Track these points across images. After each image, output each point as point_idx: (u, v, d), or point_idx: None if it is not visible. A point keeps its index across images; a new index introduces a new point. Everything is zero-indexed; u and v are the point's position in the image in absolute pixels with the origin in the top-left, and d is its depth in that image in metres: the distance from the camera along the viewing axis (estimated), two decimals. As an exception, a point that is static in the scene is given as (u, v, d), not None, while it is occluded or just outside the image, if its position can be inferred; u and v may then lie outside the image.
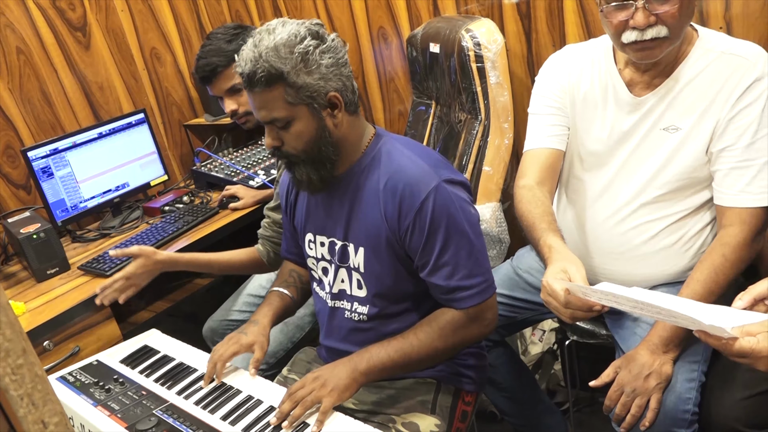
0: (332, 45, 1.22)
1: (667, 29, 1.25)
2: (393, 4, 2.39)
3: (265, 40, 1.19)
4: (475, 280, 1.25)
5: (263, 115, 1.24)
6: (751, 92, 1.28)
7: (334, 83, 1.22)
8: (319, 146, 1.25)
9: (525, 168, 1.51)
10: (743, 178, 1.30)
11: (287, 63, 1.18)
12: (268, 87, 1.20)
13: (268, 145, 1.28)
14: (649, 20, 1.24)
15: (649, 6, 1.23)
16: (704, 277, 1.30)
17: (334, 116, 1.24)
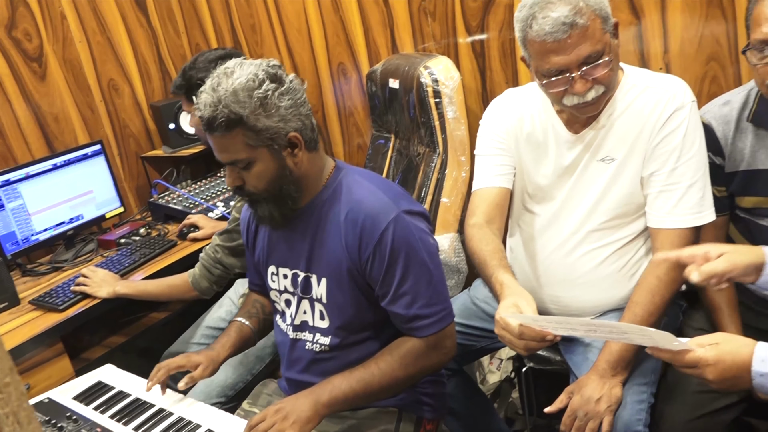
0: (291, 86, 1.25)
1: (603, 87, 1.35)
2: (352, 41, 2.45)
3: (223, 84, 1.20)
4: (434, 308, 1.28)
5: (224, 157, 1.26)
6: (673, 121, 1.38)
7: (294, 124, 1.24)
8: (281, 185, 1.27)
9: (474, 207, 1.57)
10: (670, 201, 1.39)
11: (246, 107, 1.19)
12: (228, 131, 1.21)
13: (229, 185, 1.30)
14: (587, 86, 1.33)
15: (585, 74, 1.32)
16: (642, 300, 1.38)
17: (295, 155, 1.27)
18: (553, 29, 1.29)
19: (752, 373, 0.98)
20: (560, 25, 1.28)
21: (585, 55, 1.30)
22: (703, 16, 1.75)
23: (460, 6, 2.14)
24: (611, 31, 1.34)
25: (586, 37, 1.29)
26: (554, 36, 1.29)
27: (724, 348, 1.01)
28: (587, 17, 1.29)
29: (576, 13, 1.28)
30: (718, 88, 1.76)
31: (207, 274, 1.81)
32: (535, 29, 1.31)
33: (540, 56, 1.34)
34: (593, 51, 1.30)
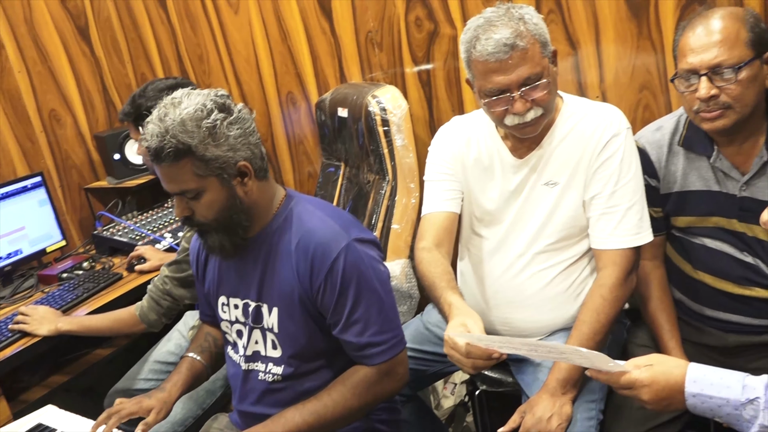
0: (240, 116, 1.25)
1: (542, 109, 1.42)
2: (301, 70, 2.47)
3: (170, 114, 1.20)
4: (386, 335, 1.29)
5: (172, 187, 1.25)
6: (610, 147, 1.46)
7: (243, 153, 1.24)
8: (230, 214, 1.27)
9: (423, 231, 1.60)
10: (611, 223, 1.45)
11: (195, 137, 1.19)
12: (176, 161, 1.20)
13: (178, 215, 1.29)
14: (526, 106, 1.40)
15: (525, 94, 1.39)
16: (588, 319, 1.43)
17: (245, 184, 1.26)
18: (495, 50, 1.35)
19: (685, 394, 1.01)
20: (502, 46, 1.35)
21: (525, 76, 1.37)
22: (634, 47, 1.85)
23: (406, 37, 2.20)
24: (550, 57, 1.42)
25: (526, 60, 1.36)
26: (496, 56, 1.35)
27: (658, 369, 1.04)
28: (527, 41, 1.36)
29: (517, 36, 1.35)
30: (651, 115, 1.85)
31: (155, 306, 1.77)
32: (478, 50, 1.38)
33: (483, 76, 1.40)
34: (532, 73, 1.37)
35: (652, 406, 1.05)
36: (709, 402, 0.99)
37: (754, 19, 1.39)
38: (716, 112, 1.38)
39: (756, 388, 0.96)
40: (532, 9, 1.42)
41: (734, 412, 0.97)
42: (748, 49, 1.36)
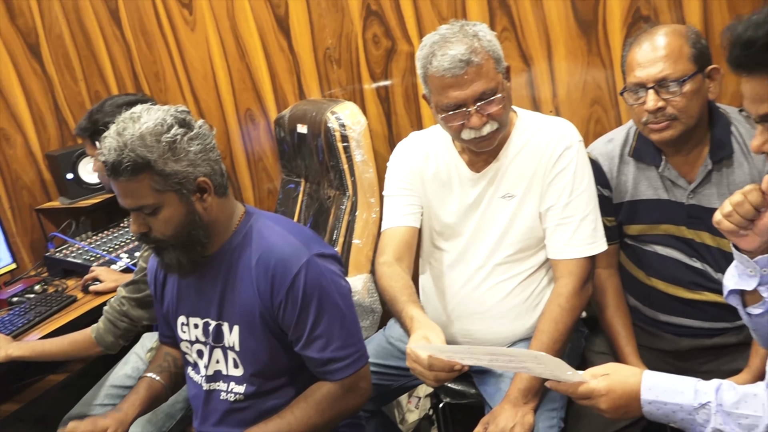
0: (200, 132, 1.25)
1: (497, 123, 1.45)
2: (259, 87, 2.47)
3: (129, 129, 1.19)
4: (348, 350, 1.29)
5: (129, 202, 1.23)
6: (563, 159, 1.50)
7: (203, 168, 1.24)
8: (189, 230, 1.26)
9: (383, 246, 1.61)
10: (566, 233, 1.49)
11: (154, 151, 1.18)
12: (134, 176, 1.19)
13: (134, 232, 1.27)
14: (482, 120, 1.43)
15: (481, 109, 1.42)
16: (547, 328, 1.46)
17: (204, 200, 1.26)
18: (451, 65, 1.38)
19: (641, 401, 1.03)
20: (457, 62, 1.38)
21: (480, 91, 1.41)
22: (584, 63, 1.91)
23: (364, 54, 2.22)
24: (503, 72, 1.46)
25: (481, 75, 1.40)
26: (452, 72, 1.39)
27: (614, 378, 1.06)
28: (482, 57, 1.40)
29: (471, 52, 1.39)
30: (602, 128, 1.91)
31: (112, 328, 1.72)
32: (434, 66, 1.41)
33: (439, 91, 1.43)
34: (487, 88, 1.41)
35: (610, 414, 1.06)
36: (663, 408, 1.01)
37: (695, 35, 1.47)
38: (663, 124, 1.44)
39: (707, 393, 0.98)
40: (485, 26, 1.46)
41: (688, 417, 0.99)
42: (691, 64, 1.43)
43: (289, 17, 2.31)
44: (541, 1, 1.89)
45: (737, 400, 0.96)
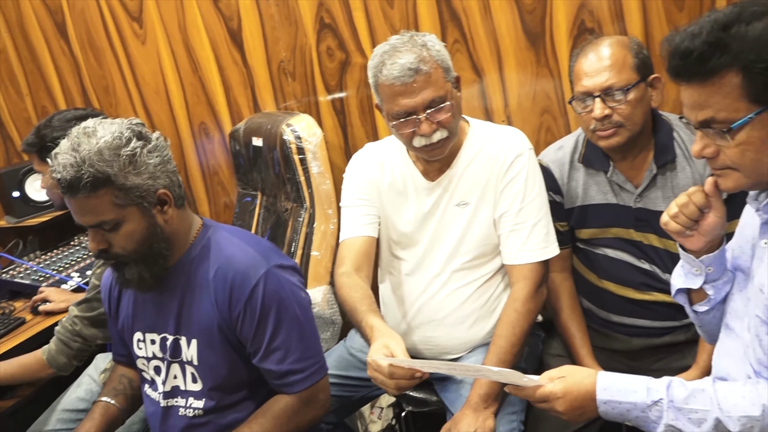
0: (158, 144, 1.25)
1: (447, 131, 1.48)
2: (213, 100, 2.45)
3: (85, 144, 1.17)
4: (306, 362, 1.28)
5: (88, 219, 1.21)
6: (515, 166, 1.54)
7: (162, 180, 1.23)
8: (151, 243, 1.24)
9: (342, 257, 1.62)
10: (520, 239, 1.53)
11: (114, 166, 1.17)
12: (93, 191, 1.17)
13: (92, 249, 1.24)
14: (432, 128, 1.46)
15: (430, 116, 1.45)
16: (505, 333, 1.49)
17: (165, 213, 1.25)
18: (400, 74, 1.42)
19: (597, 402, 1.05)
20: (407, 70, 1.42)
21: (429, 98, 1.44)
22: (534, 74, 1.96)
23: (318, 67, 2.23)
24: (453, 82, 1.50)
25: (430, 83, 1.43)
26: (401, 80, 1.42)
27: (570, 380, 1.08)
28: (430, 65, 1.44)
29: (420, 60, 1.42)
30: (552, 137, 1.97)
31: (65, 348, 1.67)
32: (384, 74, 1.44)
33: (390, 99, 1.46)
34: (436, 95, 1.44)
35: (567, 416, 1.08)
36: (618, 407, 1.04)
37: (637, 46, 1.53)
38: (610, 131, 1.50)
39: (659, 390, 1.02)
40: (435, 37, 1.50)
41: (641, 414, 1.02)
42: (634, 73, 1.49)
43: (242, 30, 2.30)
44: (491, 14, 1.94)
45: (687, 395, 1.00)
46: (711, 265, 1.14)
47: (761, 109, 0.94)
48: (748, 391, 0.97)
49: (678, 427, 0.99)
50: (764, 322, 1.01)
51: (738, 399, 0.96)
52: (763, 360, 1.02)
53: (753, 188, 1.05)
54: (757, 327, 1.03)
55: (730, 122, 0.95)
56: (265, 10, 2.25)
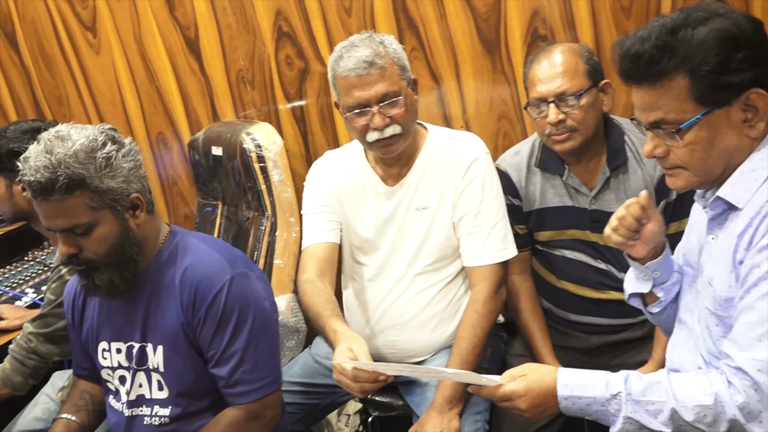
0: (131, 148, 1.26)
1: (400, 127, 1.51)
2: (171, 110, 2.42)
3: (59, 147, 1.17)
4: (258, 374, 1.28)
5: (61, 223, 1.20)
6: (472, 170, 1.57)
7: (135, 185, 1.25)
8: (123, 248, 1.25)
9: (305, 263, 1.63)
10: (478, 241, 1.56)
11: (89, 168, 1.18)
12: (68, 193, 1.17)
13: (63, 254, 1.23)
14: (385, 121, 1.49)
15: (383, 110, 1.48)
16: (467, 334, 1.51)
17: (137, 217, 1.26)
18: (356, 66, 1.46)
19: (558, 398, 1.07)
20: (362, 63, 1.46)
21: (382, 92, 1.48)
22: (490, 80, 2.01)
23: (278, 75, 2.23)
24: (409, 81, 1.53)
25: (384, 77, 1.47)
26: (356, 72, 1.46)
27: (531, 378, 1.10)
28: (385, 60, 1.48)
29: (376, 55, 1.47)
30: (510, 142, 2.01)
31: (20, 367, 1.62)
32: (341, 66, 1.49)
33: (345, 91, 1.50)
34: (390, 90, 1.48)
35: (530, 413, 1.10)
36: (579, 402, 1.06)
37: (588, 53, 1.59)
38: (565, 135, 1.55)
39: (617, 384, 1.04)
40: (393, 38, 1.54)
41: (601, 408, 1.04)
42: (586, 79, 1.54)
43: (200, 39, 2.29)
44: (447, 22, 1.97)
45: (644, 388, 1.02)
46: (657, 270, 1.19)
47: (707, 110, 0.98)
48: (701, 380, 1.00)
49: (636, 419, 1.02)
50: (713, 313, 1.05)
51: (691, 389, 1.00)
52: (713, 350, 1.07)
53: (702, 187, 1.09)
54: (706, 319, 1.07)
55: (679, 123, 1.00)
56: (222, 20, 2.24)
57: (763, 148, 1.00)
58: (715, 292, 1.05)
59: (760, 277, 0.95)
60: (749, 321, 0.96)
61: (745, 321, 0.97)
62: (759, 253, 0.95)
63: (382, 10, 2.02)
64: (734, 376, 0.97)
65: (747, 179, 1.00)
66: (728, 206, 1.03)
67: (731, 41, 0.96)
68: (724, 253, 1.03)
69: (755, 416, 0.95)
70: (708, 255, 1.09)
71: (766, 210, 0.97)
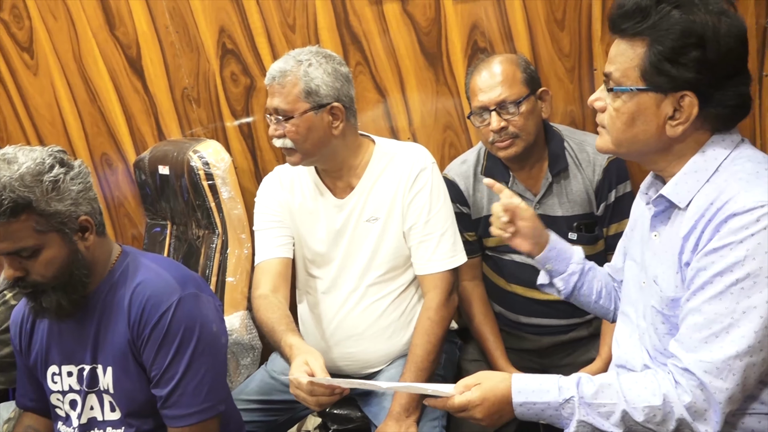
0: (80, 170, 1.24)
1: (291, 143, 1.53)
2: (115, 130, 2.38)
3: (5, 170, 1.16)
4: (196, 399, 1.26)
5: (6, 246, 1.18)
6: (420, 180, 1.60)
7: (85, 207, 1.23)
8: (71, 270, 1.23)
9: (258, 280, 1.62)
10: (429, 249, 1.59)
11: (35, 191, 1.16)
12: (13, 217, 1.15)
13: (8, 277, 1.21)
14: (276, 132, 1.53)
15: (276, 122, 1.53)
16: (420, 341, 1.53)
17: (86, 239, 1.25)
18: (269, 74, 1.53)
19: (513, 405, 1.07)
20: (272, 73, 1.52)
21: (274, 106, 1.53)
22: (434, 92, 2.05)
23: (224, 92, 2.23)
24: (314, 105, 1.51)
25: (282, 94, 1.52)
26: (267, 80, 1.54)
27: (486, 386, 1.09)
28: (289, 80, 1.51)
29: (283, 72, 1.52)
30: (456, 152, 2.05)
31: None
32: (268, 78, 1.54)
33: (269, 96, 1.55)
34: (280, 107, 1.52)
35: (486, 422, 1.10)
36: (533, 408, 1.07)
37: (525, 62, 1.65)
38: (507, 141, 1.60)
39: (569, 388, 1.05)
40: (329, 63, 1.53)
41: (555, 412, 1.06)
42: (524, 87, 1.60)
43: (142, 58, 2.26)
44: (390, 37, 2.01)
45: (595, 391, 1.04)
46: (548, 263, 1.31)
47: (644, 88, 1.01)
48: (650, 381, 1.03)
49: (589, 421, 1.03)
50: (659, 312, 1.09)
51: (641, 390, 1.02)
52: (658, 346, 1.10)
53: (622, 156, 1.16)
54: (653, 316, 1.11)
55: (619, 84, 1.04)
56: (164, 38, 2.22)
57: (708, 150, 1.03)
58: (661, 292, 1.08)
59: (706, 280, 0.98)
60: (696, 323, 0.99)
61: (691, 323, 1.00)
62: (705, 256, 0.98)
63: (326, 26, 2.04)
64: (681, 377, 1.00)
65: (689, 180, 1.03)
66: (670, 204, 1.06)
67: (693, 37, 0.97)
68: (669, 252, 1.07)
69: (701, 415, 0.98)
70: (652, 252, 1.12)
71: (710, 213, 0.99)
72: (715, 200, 0.99)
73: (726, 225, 0.95)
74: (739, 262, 0.94)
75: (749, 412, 1.03)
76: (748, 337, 0.95)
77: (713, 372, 0.96)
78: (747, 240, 0.94)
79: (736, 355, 0.95)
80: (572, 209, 1.68)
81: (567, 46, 1.87)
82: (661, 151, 1.06)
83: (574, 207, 1.68)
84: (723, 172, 1.02)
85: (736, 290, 0.95)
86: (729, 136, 1.04)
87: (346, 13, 2.01)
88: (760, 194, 0.95)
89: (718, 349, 0.96)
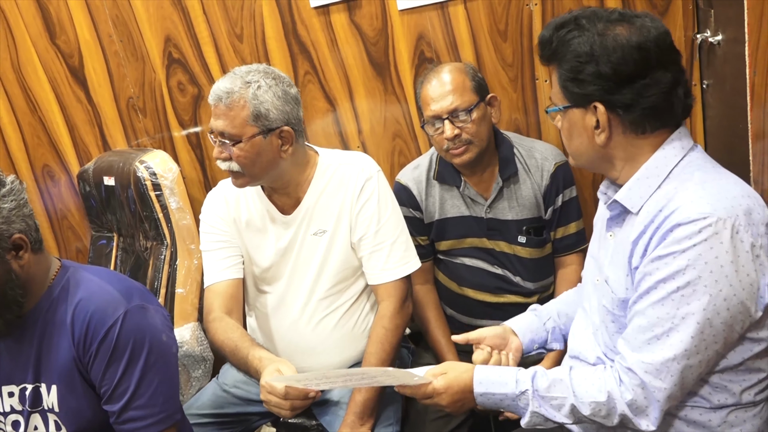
0: (12, 187, 1.19)
1: (237, 165, 1.47)
2: (57, 141, 2.32)
3: None
4: (150, 410, 1.23)
5: None
6: (366, 190, 1.58)
7: (18, 225, 1.18)
8: (5, 290, 1.18)
9: (210, 303, 1.60)
10: (381, 259, 1.58)
11: None
12: None
13: None
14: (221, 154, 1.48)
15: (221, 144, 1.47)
16: (375, 350, 1.54)
17: (20, 258, 1.19)
18: (212, 93, 1.46)
19: (474, 394, 1.16)
20: (214, 93, 1.46)
21: (220, 129, 1.47)
22: (383, 101, 2.08)
23: (170, 102, 2.19)
24: (263, 129, 1.46)
25: (227, 117, 1.45)
26: (211, 99, 1.47)
27: (451, 375, 1.17)
28: (235, 102, 1.44)
29: (228, 93, 1.44)
30: (405, 159, 2.07)
31: None
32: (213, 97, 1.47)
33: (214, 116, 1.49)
34: (225, 130, 1.46)
35: (450, 408, 1.18)
36: (492, 398, 1.15)
37: (473, 70, 1.70)
38: (462, 148, 1.64)
39: (525, 381, 1.13)
40: (279, 85, 1.48)
41: (512, 403, 1.13)
42: (474, 94, 1.65)
43: (85, 67, 2.21)
44: (338, 47, 2.03)
45: (548, 385, 1.11)
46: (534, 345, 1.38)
47: (567, 106, 1.10)
48: (597, 378, 1.10)
49: (541, 413, 1.11)
50: (609, 312, 1.15)
51: (588, 386, 1.09)
52: (608, 344, 1.17)
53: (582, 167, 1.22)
54: (604, 315, 1.17)
55: (553, 106, 1.13)
56: (108, 47, 2.18)
57: (659, 155, 1.08)
58: (612, 293, 1.14)
59: (651, 285, 1.03)
60: (640, 325, 1.05)
61: (637, 324, 1.06)
62: (651, 262, 1.02)
63: (274, 35, 2.05)
64: (625, 375, 1.06)
65: (641, 186, 1.08)
66: (624, 209, 1.12)
67: (583, 55, 1.05)
68: (620, 254, 1.12)
69: (642, 411, 1.05)
70: (606, 252, 1.18)
71: (659, 221, 1.03)
72: (663, 208, 1.04)
73: (671, 234, 1.00)
74: (681, 271, 0.99)
75: (691, 405, 1.10)
76: (685, 342, 1.00)
77: (653, 372, 1.03)
78: (689, 250, 0.99)
79: (673, 358, 1.01)
80: (521, 213, 1.72)
81: (510, 56, 1.92)
82: (603, 160, 1.13)
83: (524, 211, 1.72)
84: (673, 180, 1.07)
85: (677, 297, 1.00)
86: (680, 142, 1.09)
87: (294, 22, 2.02)
88: (704, 206, 1.00)
89: (658, 351, 1.02)
